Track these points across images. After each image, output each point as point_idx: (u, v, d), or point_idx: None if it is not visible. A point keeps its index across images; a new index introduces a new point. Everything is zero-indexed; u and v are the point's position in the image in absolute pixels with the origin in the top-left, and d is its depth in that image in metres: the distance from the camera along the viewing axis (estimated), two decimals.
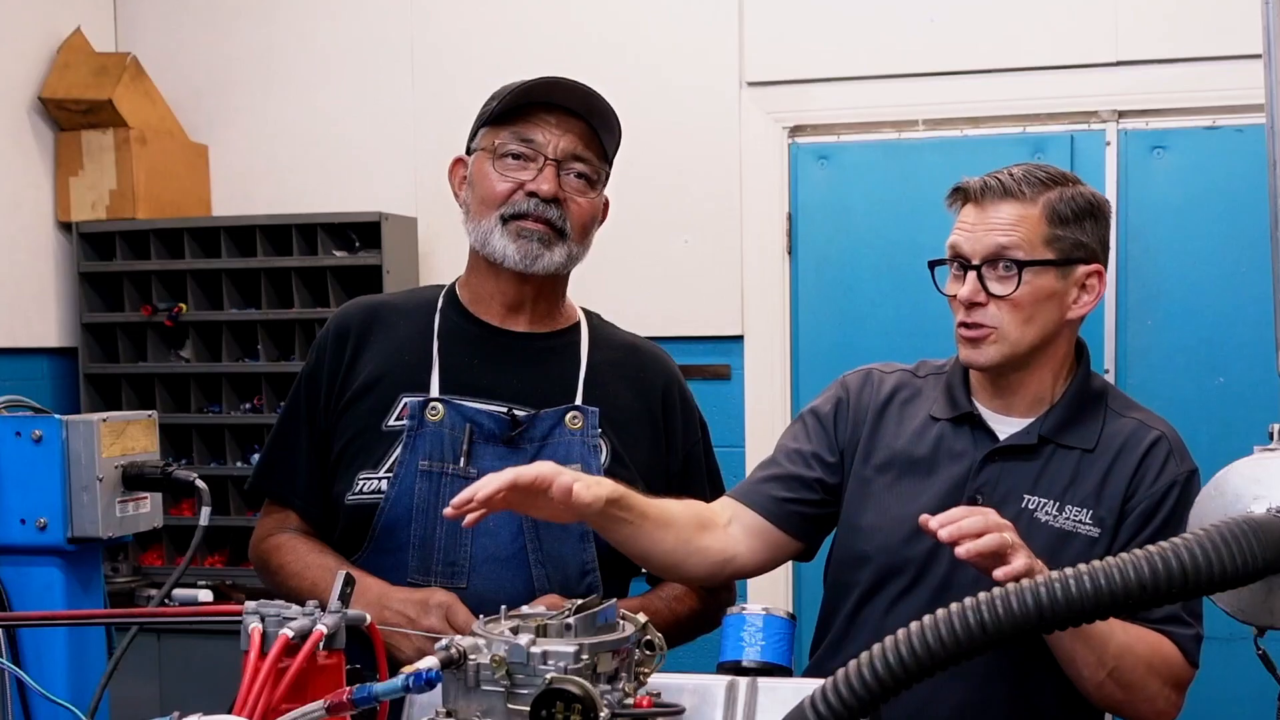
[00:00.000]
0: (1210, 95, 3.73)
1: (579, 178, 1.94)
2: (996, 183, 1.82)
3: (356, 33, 4.37)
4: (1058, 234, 1.80)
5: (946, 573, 1.80)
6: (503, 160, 1.92)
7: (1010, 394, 1.87)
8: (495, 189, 1.92)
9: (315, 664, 1.20)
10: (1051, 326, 1.82)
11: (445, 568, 1.89)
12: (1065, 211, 1.81)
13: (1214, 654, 3.64)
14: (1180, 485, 1.80)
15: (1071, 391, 1.86)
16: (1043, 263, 1.78)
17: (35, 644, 1.74)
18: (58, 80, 4.21)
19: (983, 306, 1.79)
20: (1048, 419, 1.84)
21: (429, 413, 1.92)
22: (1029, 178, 1.81)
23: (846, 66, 4.00)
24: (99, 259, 4.30)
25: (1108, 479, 1.81)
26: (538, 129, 1.91)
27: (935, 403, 1.91)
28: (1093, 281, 1.83)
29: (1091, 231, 1.83)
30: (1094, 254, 1.84)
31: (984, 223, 1.80)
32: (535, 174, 1.91)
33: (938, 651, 0.96)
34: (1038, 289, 1.79)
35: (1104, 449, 1.83)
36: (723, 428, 3.90)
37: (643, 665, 1.30)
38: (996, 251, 1.78)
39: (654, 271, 4.07)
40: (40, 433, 1.75)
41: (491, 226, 1.93)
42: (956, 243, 1.83)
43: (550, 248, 1.92)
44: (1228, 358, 3.72)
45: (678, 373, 2.13)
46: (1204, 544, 0.98)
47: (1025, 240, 1.78)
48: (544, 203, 1.90)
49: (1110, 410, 1.87)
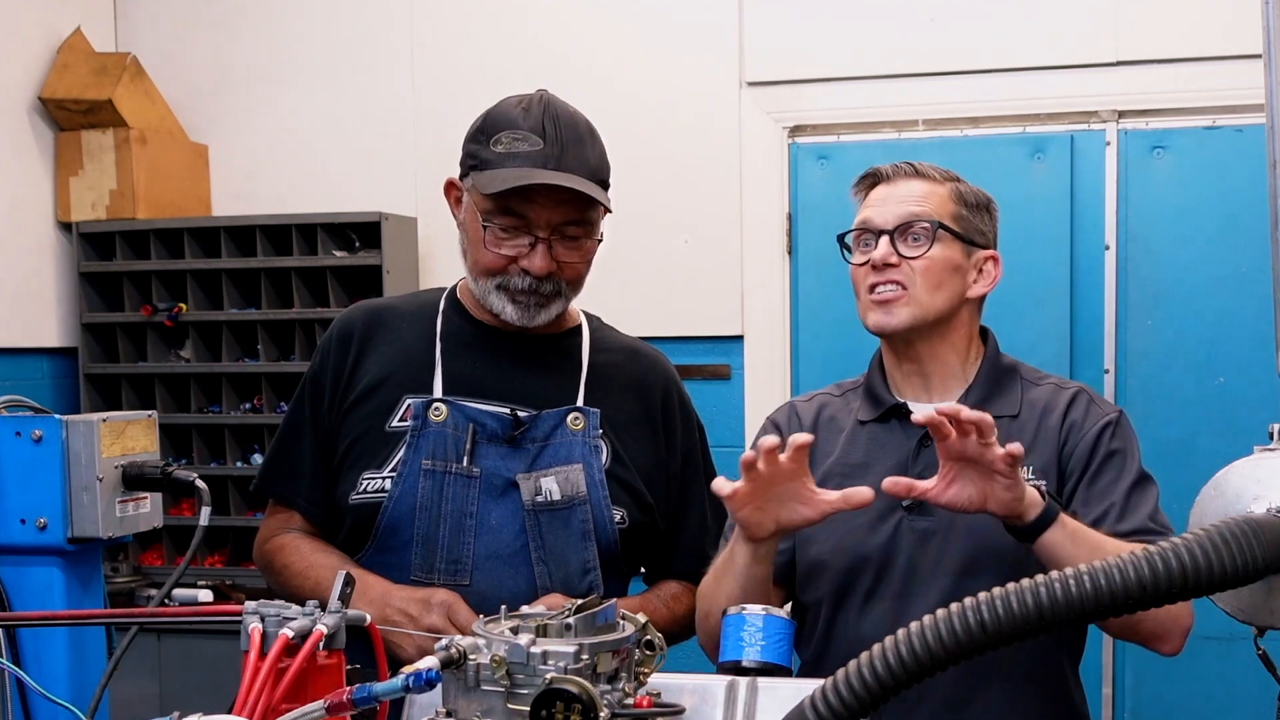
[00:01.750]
0: (1210, 95, 3.73)
1: (574, 240, 1.91)
2: (907, 165, 1.94)
3: (356, 33, 4.37)
4: (964, 213, 1.91)
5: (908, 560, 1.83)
6: (492, 230, 1.89)
7: (924, 373, 1.92)
8: (487, 260, 1.91)
9: (315, 664, 1.20)
10: (955, 300, 1.89)
11: (448, 565, 1.90)
12: (970, 198, 1.93)
13: (1214, 654, 3.68)
14: (1113, 424, 1.87)
15: (985, 369, 1.93)
16: (952, 232, 1.88)
17: (35, 644, 1.74)
18: (58, 80, 4.21)
19: (895, 268, 1.87)
20: (969, 395, 1.90)
21: (432, 413, 1.93)
22: (935, 167, 1.94)
23: (846, 66, 4.00)
24: (99, 259, 4.30)
25: (1038, 436, 1.87)
26: (527, 206, 1.86)
27: (860, 408, 1.96)
28: (989, 267, 1.93)
29: (988, 223, 1.95)
30: (990, 242, 1.95)
31: (895, 196, 1.91)
32: (527, 251, 1.88)
33: (938, 651, 0.96)
34: (946, 256, 1.87)
35: (1027, 414, 1.89)
36: (722, 428, 3.91)
37: (643, 665, 1.30)
38: (910, 217, 1.88)
39: (654, 271, 4.07)
40: (40, 433, 1.75)
41: (488, 288, 1.93)
42: (867, 217, 1.92)
43: (547, 306, 1.93)
44: (1228, 358, 3.72)
45: (676, 376, 2.14)
46: (1204, 544, 0.98)
47: (935, 210, 1.89)
48: (538, 279, 1.89)
49: (1024, 380, 1.95)
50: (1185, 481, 1.57)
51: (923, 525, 1.83)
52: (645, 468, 2.01)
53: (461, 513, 1.91)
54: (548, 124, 1.88)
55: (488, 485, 1.92)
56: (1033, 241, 3.73)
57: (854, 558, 1.85)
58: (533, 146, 1.86)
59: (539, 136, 1.87)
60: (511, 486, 1.92)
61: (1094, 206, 3.83)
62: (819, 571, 1.88)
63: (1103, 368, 3.82)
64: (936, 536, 1.82)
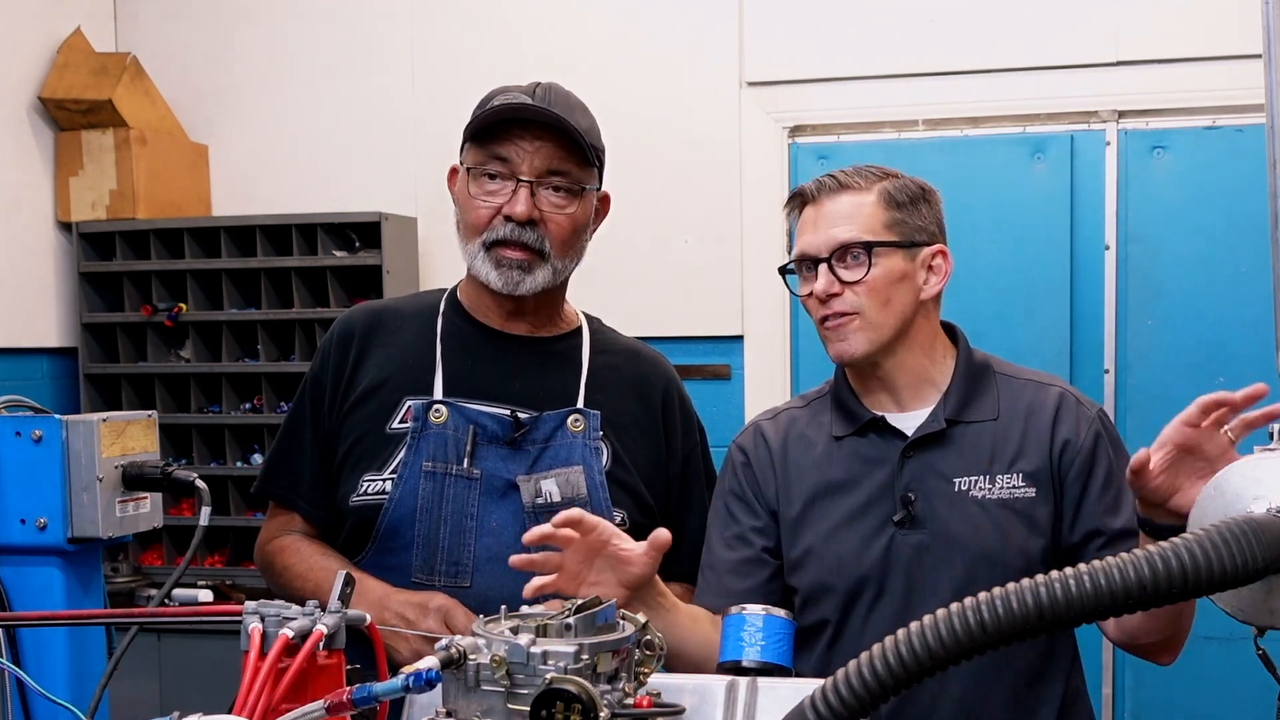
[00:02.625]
0: (1210, 95, 3.73)
1: (557, 191, 1.92)
2: (830, 179, 1.88)
3: (356, 33, 4.38)
4: (897, 217, 1.84)
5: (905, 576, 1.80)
6: (480, 181, 1.91)
7: (893, 387, 1.88)
8: (475, 213, 1.92)
9: (315, 664, 1.20)
10: (909, 309, 1.84)
11: (449, 567, 1.90)
12: (900, 196, 1.86)
13: (1214, 654, 3.68)
14: (1100, 425, 1.85)
15: (960, 371, 1.89)
16: (887, 244, 1.82)
17: (35, 644, 1.74)
18: (58, 80, 4.21)
19: (839, 296, 1.83)
20: (947, 402, 1.86)
21: (432, 415, 1.93)
22: (861, 171, 1.89)
23: (846, 66, 4.00)
24: (99, 259, 4.30)
25: (1025, 440, 1.83)
26: (511, 147, 1.89)
27: (833, 422, 1.92)
28: (938, 262, 1.87)
29: (928, 214, 1.88)
30: (934, 235, 1.88)
31: (825, 219, 1.85)
32: (510, 196, 1.90)
33: (938, 651, 0.96)
34: (888, 270, 1.82)
35: (1009, 415, 1.85)
36: (723, 428, 3.89)
37: (643, 665, 1.30)
38: (840, 242, 1.82)
39: (654, 271, 4.08)
40: (40, 433, 1.75)
41: (475, 252, 1.93)
42: (803, 246, 1.86)
43: (531, 271, 1.92)
44: (1228, 358, 3.72)
45: (676, 377, 2.13)
46: (1204, 544, 0.98)
47: (867, 226, 1.83)
48: (520, 226, 1.89)
49: (1000, 377, 1.90)
50: None
51: (915, 539, 1.80)
52: (646, 469, 2.01)
53: (462, 515, 1.91)
54: (539, 89, 1.92)
55: (488, 487, 1.92)
56: (1033, 241, 3.73)
57: (852, 579, 1.82)
58: (520, 99, 1.90)
59: (528, 96, 1.91)
60: (512, 488, 1.92)
61: (1094, 207, 3.83)
62: (819, 594, 1.85)
63: (1103, 368, 3.82)
64: (931, 550, 1.79)
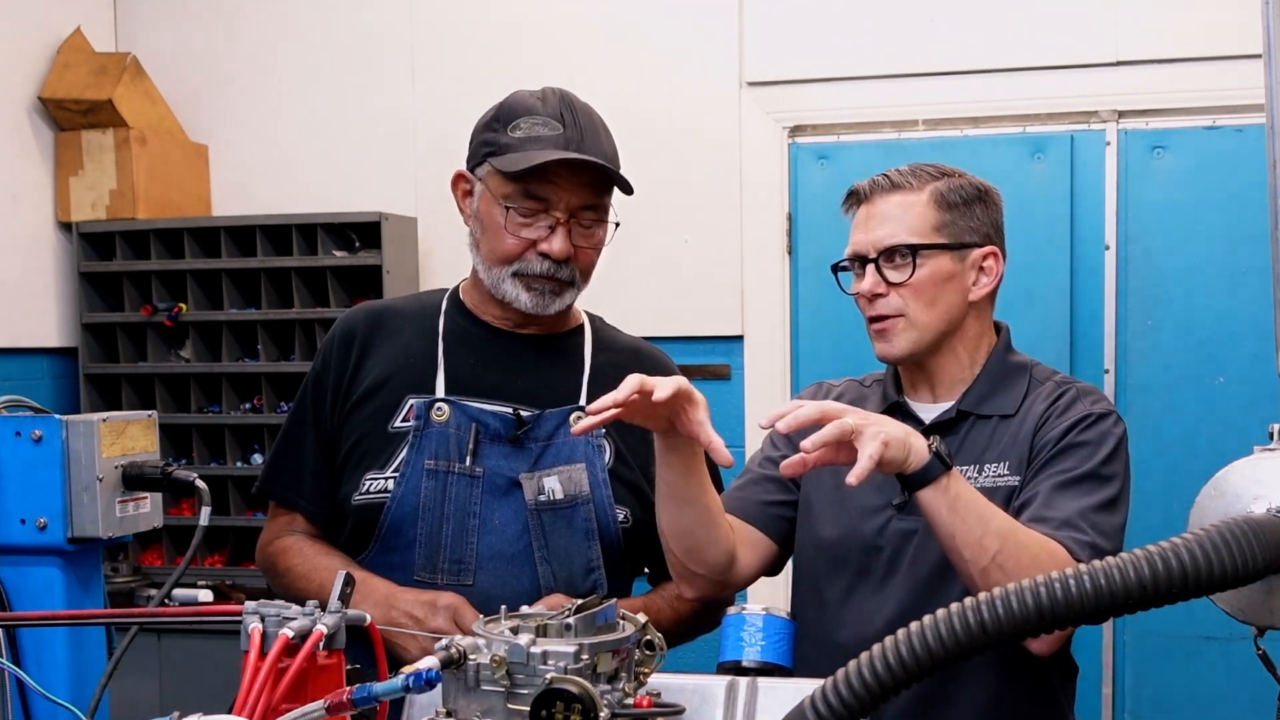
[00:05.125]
0: (1210, 95, 3.73)
1: (588, 225, 1.93)
2: (884, 179, 1.89)
3: (356, 33, 4.37)
4: (947, 219, 1.85)
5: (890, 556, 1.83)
6: (512, 214, 1.90)
7: (932, 383, 1.91)
8: (505, 246, 1.91)
9: (315, 664, 1.20)
10: (956, 310, 1.86)
11: (451, 565, 1.90)
12: (953, 198, 1.86)
13: (1214, 654, 3.68)
14: (1095, 418, 1.80)
15: (989, 366, 1.90)
16: (934, 246, 1.83)
17: (35, 644, 1.74)
18: (58, 80, 4.21)
19: (885, 297, 1.85)
20: (968, 395, 1.88)
21: (435, 413, 1.93)
22: (916, 171, 1.89)
23: (846, 66, 4.00)
24: (99, 259, 4.30)
25: (1021, 430, 1.84)
26: (549, 188, 1.88)
27: (871, 402, 1.95)
28: (990, 264, 1.88)
29: (982, 215, 1.88)
30: (988, 237, 1.88)
31: (874, 218, 1.87)
32: (546, 234, 1.89)
33: (938, 651, 0.96)
34: (934, 272, 1.83)
35: (1025, 413, 1.85)
36: (723, 428, 3.85)
37: (643, 665, 1.30)
38: (887, 243, 1.84)
39: (654, 271, 4.07)
40: (40, 433, 1.75)
41: (503, 276, 1.93)
42: (854, 245, 1.90)
43: (560, 295, 1.94)
44: (1228, 358, 3.72)
45: (679, 375, 2.13)
46: (1204, 544, 0.98)
47: (915, 227, 1.84)
48: (555, 264, 1.90)
49: (1034, 379, 1.90)
50: (1185, 481, 1.58)
51: (904, 526, 1.83)
52: (648, 466, 2.00)
53: (465, 513, 1.91)
54: (565, 111, 1.90)
55: (490, 485, 1.92)
56: (1033, 241, 3.73)
57: (847, 546, 1.87)
58: (553, 130, 1.88)
59: (558, 122, 1.89)
60: (514, 486, 1.92)
61: (1094, 206, 3.83)
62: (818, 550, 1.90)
63: (1103, 368, 3.82)
64: (916, 537, 1.81)
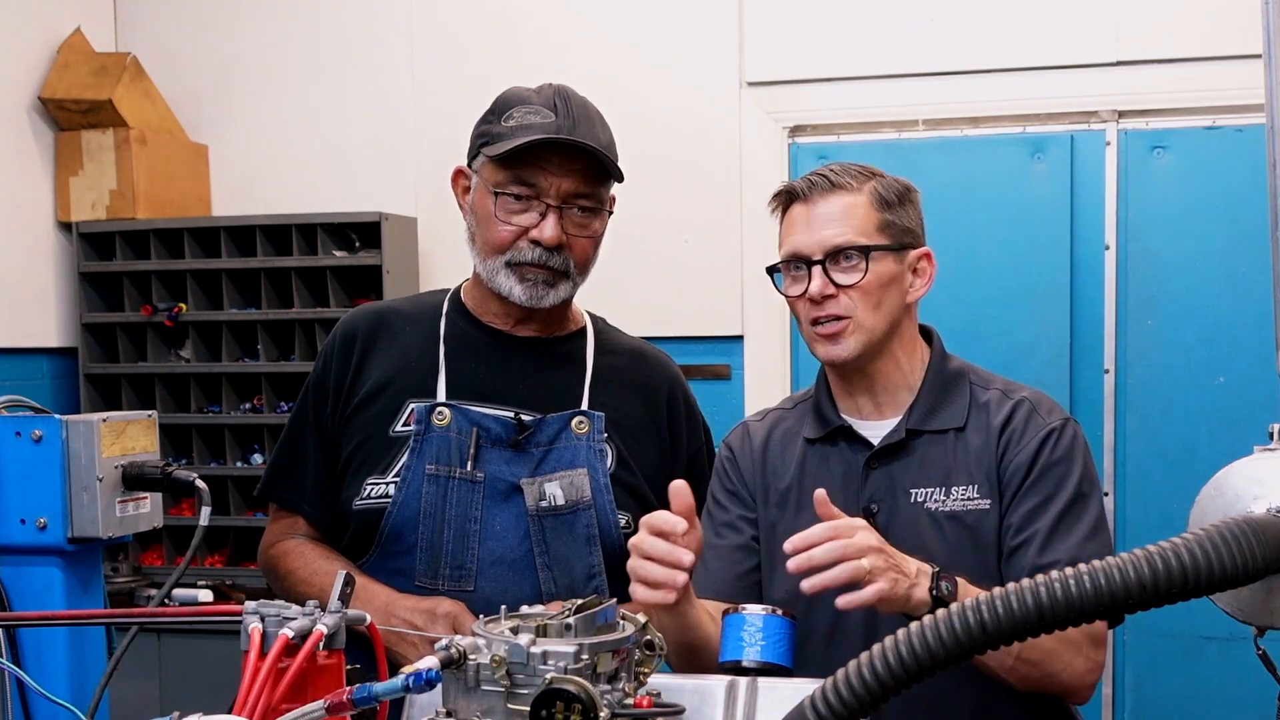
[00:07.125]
0: (1210, 95, 3.73)
1: (582, 212, 1.92)
2: (820, 178, 1.85)
3: (357, 33, 4.38)
4: (888, 219, 1.83)
5: None
6: (503, 200, 1.90)
7: (873, 391, 1.87)
8: (498, 234, 1.91)
9: (315, 664, 1.20)
10: (897, 312, 1.83)
11: (453, 571, 1.89)
12: (889, 196, 1.84)
13: (1214, 654, 3.68)
14: (1057, 433, 1.78)
15: (930, 377, 1.86)
16: (882, 248, 1.81)
17: (35, 644, 1.74)
18: (58, 80, 4.21)
19: (834, 299, 1.81)
20: (913, 412, 1.84)
21: (436, 418, 1.93)
22: (848, 170, 1.85)
23: (846, 66, 4.00)
24: (99, 259, 4.30)
25: (981, 451, 1.80)
26: (539, 173, 1.88)
27: (807, 425, 1.91)
28: (924, 265, 1.86)
29: (912, 214, 1.86)
30: (919, 238, 1.87)
31: (817, 219, 1.83)
32: (537, 220, 1.89)
33: (937, 651, 0.96)
34: (881, 274, 1.80)
35: (974, 424, 1.83)
36: (723, 428, 3.87)
37: (643, 665, 1.30)
38: (837, 245, 1.80)
39: (654, 271, 4.07)
40: (40, 433, 1.75)
41: (497, 267, 1.93)
42: (795, 247, 1.85)
43: (555, 286, 1.93)
44: (1228, 358, 3.72)
45: (681, 377, 2.13)
46: (1204, 544, 0.98)
47: (861, 228, 1.81)
48: (547, 251, 1.89)
49: (974, 386, 1.87)
50: (1185, 481, 1.57)
51: None
52: (650, 471, 2.00)
53: (465, 518, 1.90)
54: (559, 101, 1.90)
55: (492, 490, 1.91)
56: (1033, 241, 3.73)
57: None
58: (544, 118, 1.88)
59: (550, 110, 1.89)
60: (515, 491, 1.91)
61: (1094, 207, 3.83)
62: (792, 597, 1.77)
63: (1103, 368, 3.82)
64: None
